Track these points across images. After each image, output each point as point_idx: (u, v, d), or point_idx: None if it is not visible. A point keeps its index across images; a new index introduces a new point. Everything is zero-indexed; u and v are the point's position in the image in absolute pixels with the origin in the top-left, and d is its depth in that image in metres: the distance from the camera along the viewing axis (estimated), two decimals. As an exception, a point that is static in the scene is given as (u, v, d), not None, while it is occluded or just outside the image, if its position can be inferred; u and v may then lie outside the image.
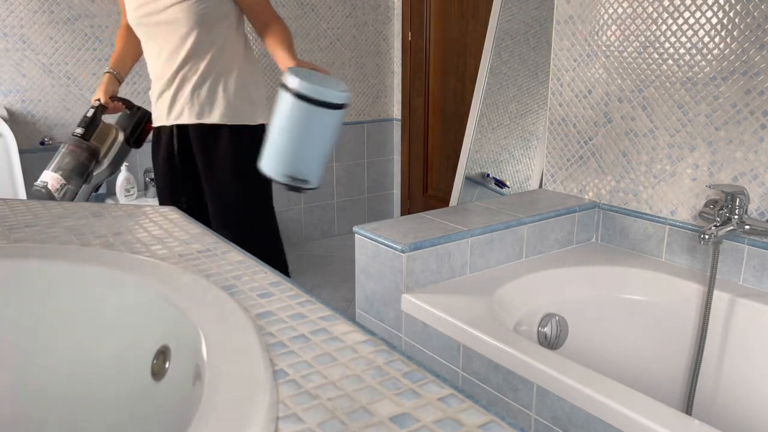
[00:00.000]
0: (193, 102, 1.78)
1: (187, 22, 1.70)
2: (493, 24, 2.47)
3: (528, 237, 1.74)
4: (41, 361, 0.72)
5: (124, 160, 1.95)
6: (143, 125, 1.96)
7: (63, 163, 1.78)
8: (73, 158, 1.78)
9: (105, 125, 1.87)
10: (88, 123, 1.81)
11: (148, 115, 1.95)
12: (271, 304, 0.73)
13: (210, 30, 1.73)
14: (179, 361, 0.63)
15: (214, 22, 1.72)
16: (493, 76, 2.50)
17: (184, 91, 1.78)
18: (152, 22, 1.75)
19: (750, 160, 1.56)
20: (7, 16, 2.66)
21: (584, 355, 1.63)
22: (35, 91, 2.77)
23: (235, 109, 1.79)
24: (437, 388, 0.57)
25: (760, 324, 1.49)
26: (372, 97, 3.69)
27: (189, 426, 0.47)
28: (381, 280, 1.59)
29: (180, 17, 1.70)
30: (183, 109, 1.80)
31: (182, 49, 1.74)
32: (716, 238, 1.51)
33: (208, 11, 1.70)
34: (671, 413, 1.05)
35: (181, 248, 0.90)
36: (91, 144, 1.81)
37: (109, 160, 1.88)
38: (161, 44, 1.77)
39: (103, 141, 1.86)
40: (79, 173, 1.80)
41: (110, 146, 1.87)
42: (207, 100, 1.78)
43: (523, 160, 2.38)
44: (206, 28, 1.72)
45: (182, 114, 1.81)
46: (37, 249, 0.81)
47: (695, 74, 1.64)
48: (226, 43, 1.76)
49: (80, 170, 1.80)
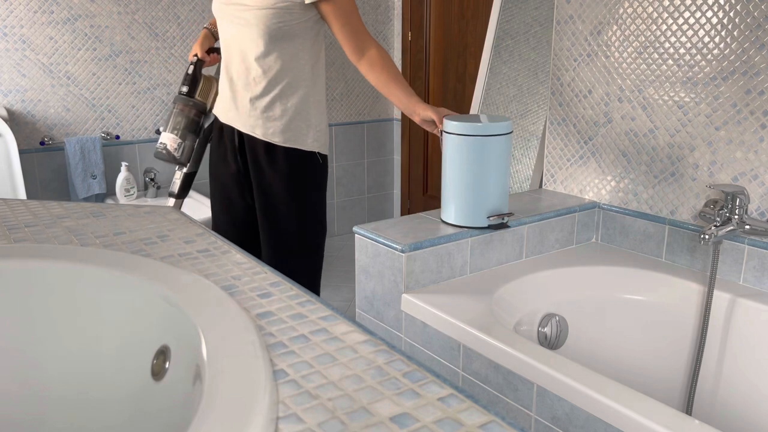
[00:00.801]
0: (251, 115, 1.73)
1: (258, 30, 1.64)
2: (493, 24, 2.47)
3: (528, 237, 1.74)
4: (41, 360, 0.72)
5: None
6: None
7: (176, 123, 1.91)
8: (183, 117, 1.91)
9: (206, 78, 1.96)
10: (191, 80, 1.92)
11: None
12: (271, 304, 0.73)
13: (280, 44, 1.66)
14: (179, 361, 0.63)
15: (285, 37, 1.66)
16: (493, 76, 2.50)
17: (244, 97, 1.73)
18: (233, 15, 1.69)
19: (750, 160, 1.56)
20: (7, 16, 2.66)
21: (584, 355, 1.63)
22: (35, 91, 2.77)
23: (290, 132, 1.73)
24: (437, 388, 0.57)
25: (760, 324, 1.49)
26: (372, 97, 3.69)
27: (189, 426, 0.47)
28: (381, 280, 1.59)
29: (253, 24, 1.65)
30: (239, 115, 1.75)
31: (250, 54, 1.68)
32: (716, 238, 1.51)
33: (282, 27, 1.64)
34: (671, 413, 1.05)
35: (181, 248, 0.90)
36: (196, 100, 1.93)
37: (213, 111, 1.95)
38: (232, 41, 1.73)
39: (207, 94, 1.96)
40: (192, 129, 1.92)
41: (214, 98, 1.93)
42: (263, 115, 1.72)
43: (523, 160, 2.38)
44: (276, 42, 1.66)
45: (238, 121, 1.76)
46: (37, 249, 0.81)
47: (695, 74, 1.64)
48: (296, 61, 1.70)
49: (192, 126, 1.92)
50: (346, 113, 3.63)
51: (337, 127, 3.59)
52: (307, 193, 1.80)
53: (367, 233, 1.60)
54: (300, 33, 1.68)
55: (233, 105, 1.77)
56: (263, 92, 1.71)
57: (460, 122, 1.57)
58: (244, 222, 1.89)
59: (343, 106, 3.61)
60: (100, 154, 2.87)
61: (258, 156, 1.76)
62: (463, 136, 1.56)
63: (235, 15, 1.69)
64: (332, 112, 3.57)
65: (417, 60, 3.47)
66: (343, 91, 3.59)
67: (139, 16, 2.93)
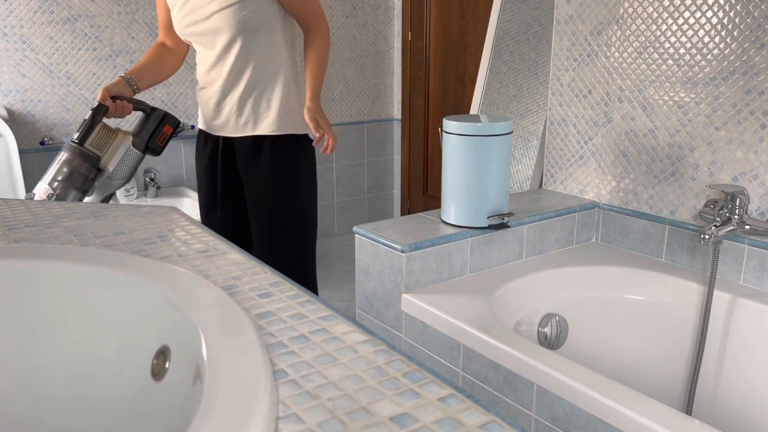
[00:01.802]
0: (240, 113, 1.76)
1: (229, 30, 1.67)
2: (493, 24, 2.47)
3: (528, 237, 1.74)
4: (41, 361, 0.72)
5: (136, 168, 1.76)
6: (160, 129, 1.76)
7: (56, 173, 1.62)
8: (68, 166, 1.62)
9: (106, 129, 1.70)
10: (85, 127, 1.65)
11: (168, 117, 1.78)
12: (271, 304, 0.73)
13: (254, 36, 1.69)
14: (179, 361, 0.63)
15: (257, 27, 1.69)
16: (493, 76, 2.49)
17: (229, 100, 1.76)
18: (198, 31, 1.72)
19: (750, 160, 1.56)
20: (7, 16, 2.66)
21: (584, 355, 1.63)
22: (35, 91, 2.77)
23: (282, 120, 1.76)
24: (437, 388, 0.57)
25: (760, 324, 1.49)
26: (372, 97, 3.69)
27: (189, 426, 0.47)
28: (381, 280, 1.59)
29: (223, 25, 1.66)
30: (228, 120, 1.78)
31: (227, 57, 1.71)
32: (716, 238, 1.51)
33: (252, 16, 1.66)
34: (671, 413, 1.05)
35: (181, 248, 0.90)
36: (88, 150, 1.65)
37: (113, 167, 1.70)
38: (206, 52, 1.75)
39: (103, 146, 1.68)
40: (76, 185, 1.62)
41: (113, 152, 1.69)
42: (252, 112, 1.75)
43: (523, 160, 2.38)
44: (250, 35, 1.69)
45: (227, 125, 1.79)
46: (37, 249, 0.81)
47: (695, 74, 1.64)
48: (272, 50, 1.73)
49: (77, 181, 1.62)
50: (346, 113, 3.63)
51: (337, 127, 3.59)
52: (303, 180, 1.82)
53: (367, 233, 1.60)
54: (269, 18, 1.70)
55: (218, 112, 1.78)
56: (247, 90, 1.74)
57: (460, 122, 1.57)
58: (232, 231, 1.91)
59: (343, 106, 3.61)
60: (100, 154, 2.87)
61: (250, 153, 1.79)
62: (463, 136, 1.56)
63: (201, 27, 1.71)
64: (332, 112, 3.57)
65: (417, 60, 3.47)
66: (343, 91, 3.59)
67: (139, 16, 2.93)
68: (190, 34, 1.74)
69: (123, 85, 1.74)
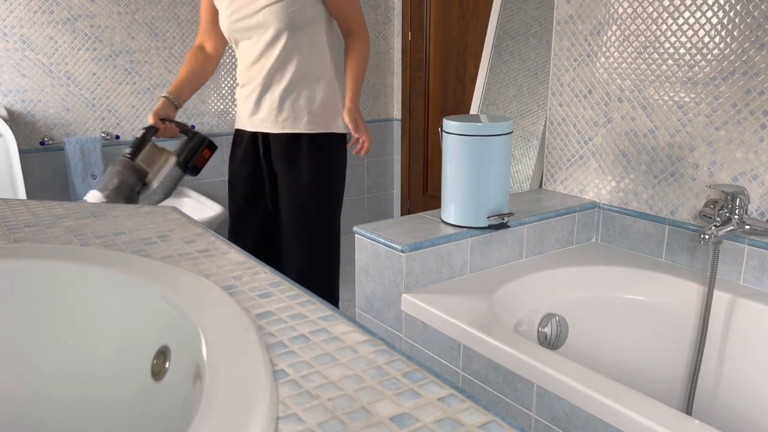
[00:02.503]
0: (280, 110, 1.80)
1: (277, 24, 1.72)
2: (493, 24, 2.47)
3: (528, 237, 1.74)
4: (41, 361, 0.72)
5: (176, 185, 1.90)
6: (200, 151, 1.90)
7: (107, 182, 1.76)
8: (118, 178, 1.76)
9: (155, 148, 1.83)
10: (136, 144, 1.80)
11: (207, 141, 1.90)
12: (271, 304, 0.73)
13: (298, 34, 1.74)
14: (179, 361, 0.63)
15: (303, 25, 1.74)
16: (493, 76, 2.49)
17: (270, 96, 1.80)
18: (245, 26, 1.77)
19: (750, 160, 1.56)
20: (7, 16, 2.66)
21: (584, 355, 1.63)
22: (35, 91, 2.77)
23: (321, 118, 1.81)
24: (437, 388, 0.57)
25: (760, 324, 1.49)
26: (372, 97, 3.69)
27: (189, 426, 0.47)
28: (381, 280, 1.59)
29: (270, 20, 1.72)
30: (267, 116, 1.82)
31: (271, 52, 1.76)
32: (716, 238, 1.51)
33: (298, 14, 1.72)
34: (671, 413, 1.05)
35: (181, 248, 0.90)
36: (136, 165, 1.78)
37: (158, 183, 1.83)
38: (251, 48, 1.79)
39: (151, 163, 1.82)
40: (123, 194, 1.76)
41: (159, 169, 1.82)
42: (292, 109, 1.80)
43: (523, 160, 2.38)
44: (295, 32, 1.74)
45: (266, 121, 1.83)
46: (37, 249, 0.81)
47: (695, 74, 1.64)
48: (315, 48, 1.78)
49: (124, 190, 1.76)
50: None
51: (337, 127, 3.58)
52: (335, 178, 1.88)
53: (367, 233, 1.60)
54: (315, 17, 1.75)
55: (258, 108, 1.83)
56: (289, 87, 1.78)
57: (460, 122, 1.57)
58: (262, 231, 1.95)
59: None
60: (101, 154, 2.87)
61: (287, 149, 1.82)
62: (463, 136, 1.56)
63: (249, 22, 1.75)
64: (332, 112, 3.57)
65: (417, 60, 3.47)
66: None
67: (139, 16, 2.93)
68: (237, 29, 1.79)
69: (168, 106, 1.86)
